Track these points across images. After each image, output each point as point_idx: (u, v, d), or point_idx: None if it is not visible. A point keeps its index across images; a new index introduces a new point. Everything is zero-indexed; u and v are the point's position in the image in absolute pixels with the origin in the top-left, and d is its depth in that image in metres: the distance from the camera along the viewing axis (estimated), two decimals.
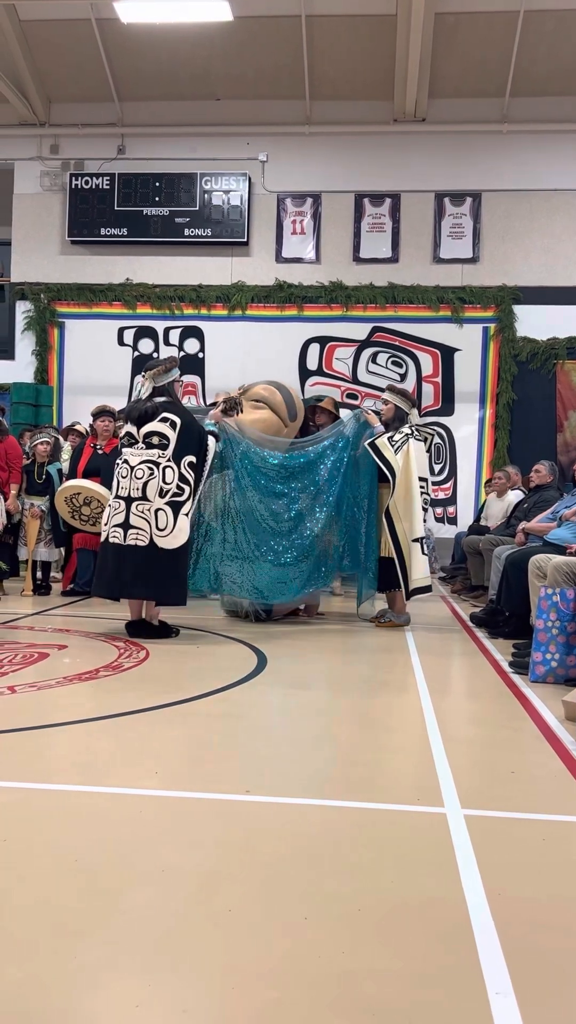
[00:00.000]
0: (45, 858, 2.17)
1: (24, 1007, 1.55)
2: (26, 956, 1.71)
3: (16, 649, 5.00)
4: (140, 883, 2.04)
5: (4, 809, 2.52)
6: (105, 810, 2.53)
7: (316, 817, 2.53)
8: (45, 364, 12.03)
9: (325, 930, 1.85)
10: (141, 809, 2.55)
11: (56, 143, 12.08)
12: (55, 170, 12.03)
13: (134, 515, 5.37)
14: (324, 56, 11.04)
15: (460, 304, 11.50)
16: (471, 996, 1.62)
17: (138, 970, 1.68)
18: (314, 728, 3.64)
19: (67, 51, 11.25)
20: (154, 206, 11.70)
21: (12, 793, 2.64)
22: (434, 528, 11.40)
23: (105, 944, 1.77)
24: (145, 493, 5.38)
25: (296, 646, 5.56)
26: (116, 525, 5.42)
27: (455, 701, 4.35)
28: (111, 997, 1.60)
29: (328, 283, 11.66)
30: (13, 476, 7.48)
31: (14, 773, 2.82)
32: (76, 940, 1.77)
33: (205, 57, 11.12)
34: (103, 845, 2.26)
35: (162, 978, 1.65)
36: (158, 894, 1.99)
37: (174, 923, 1.86)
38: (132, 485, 5.41)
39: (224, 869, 2.14)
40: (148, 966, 1.69)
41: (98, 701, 3.86)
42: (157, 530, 5.35)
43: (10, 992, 1.59)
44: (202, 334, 11.89)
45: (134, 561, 5.35)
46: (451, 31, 10.57)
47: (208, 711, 3.75)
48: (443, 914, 1.94)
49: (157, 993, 1.61)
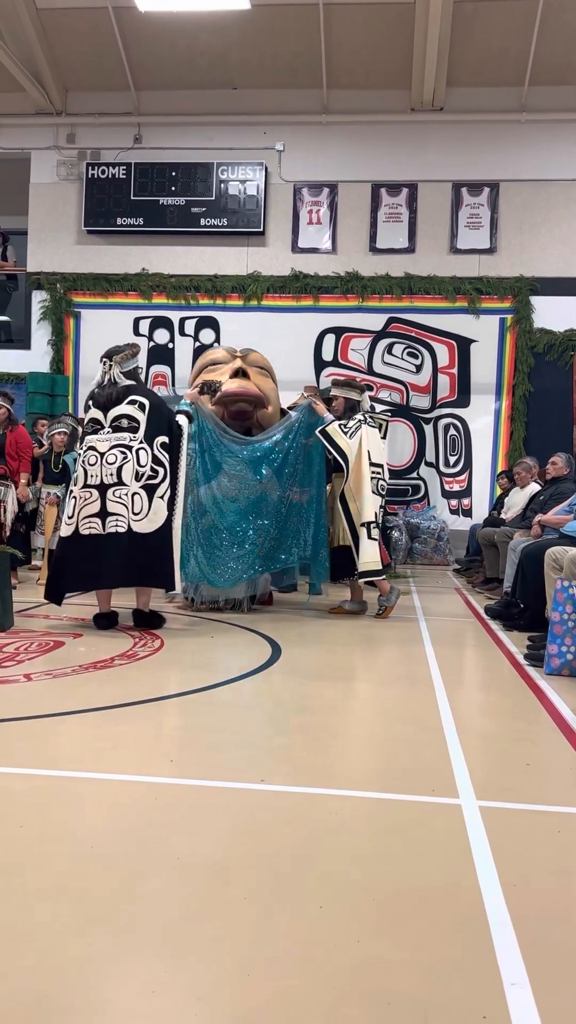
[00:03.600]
0: (61, 845, 2.18)
1: (40, 992, 1.56)
2: (42, 942, 1.72)
3: (32, 637, 5.02)
4: (155, 870, 2.05)
5: (20, 796, 2.53)
6: (120, 798, 2.54)
7: (330, 807, 2.53)
8: (61, 354, 12.05)
9: (340, 919, 1.85)
10: (156, 797, 2.55)
11: (73, 132, 12.08)
12: (71, 159, 12.02)
13: (111, 501, 5.22)
14: (341, 45, 10.97)
15: (477, 295, 11.44)
16: (486, 987, 1.62)
17: (153, 957, 1.68)
18: (329, 718, 3.64)
19: (84, 40, 11.24)
20: (170, 196, 11.69)
21: (28, 780, 2.65)
22: (448, 520, 11.38)
23: (121, 931, 1.77)
24: (121, 478, 5.23)
25: (310, 637, 5.56)
26: (90, 516, 5.24)
27: (470, 693, 4.34)
28: (127, 983, 1.60)
29: (344, 273, 11.61)
30: (23, 465, 7.51)
31: (30, 760, 2.84)
32: (92, 926, 1.78)
33: (222, 46, 11.07)
34: (118, 832, 2.27)
35: (177, 965, 1.66)
36: (173, 881, 1.99)
37: (189, 910, 1.87)
38: (104, 471, 5.25)
39: (239, 858, 2.14)
40: (163, 953, 1.70)
41: (113, 689, 3.87)
42: (133, 514, 5.22)
43: (26, 977, 1.60)
44: (217, 324, 11.88)
45: (117, 549, 5.19)
46: (469, 19, 10.48)
47: (223, 700, 3.76)
48: (458, 905, 1.94)
49: (172, 979, 1.61)
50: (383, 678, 4.56)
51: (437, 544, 11.00)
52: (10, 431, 7.45)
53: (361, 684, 4.43)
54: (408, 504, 11.55)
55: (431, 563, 10.91)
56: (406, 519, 11.07)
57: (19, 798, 2.51)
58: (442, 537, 11.03)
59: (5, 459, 7.23)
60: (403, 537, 10.72)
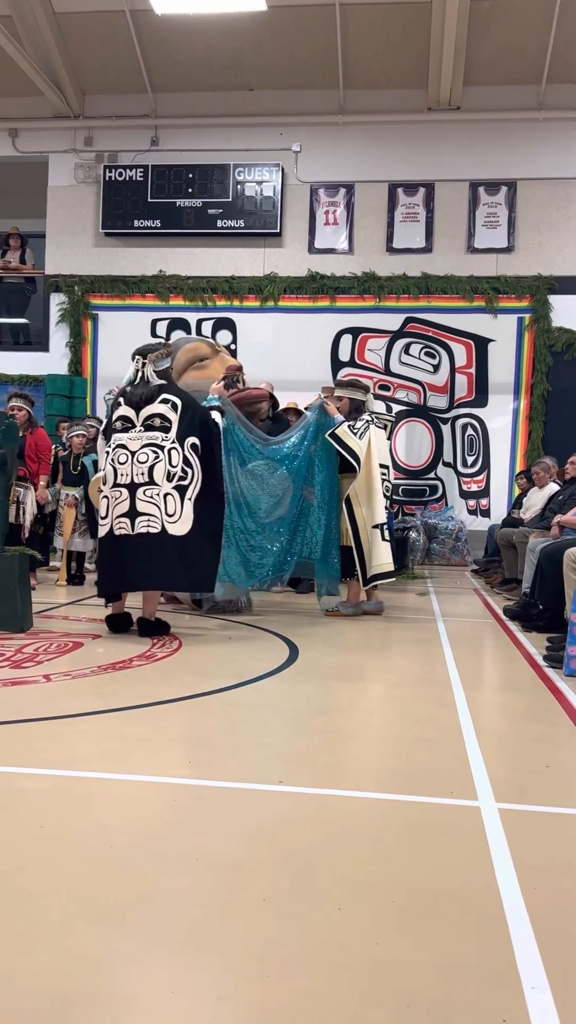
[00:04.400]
0: (80, 845, 2.19)
1: (61, 991, 1.57)
2: (62, 941, 1.73)
3: (51, 638, 5.05)
4: (174, 871, 2.06)
5: (40, 796, 2.55)
6: (139, 798, 2.55)
7: (349, 808, 2.53)
8: (79, 356, 12.11)
9: (359, 921, 1.85)
10: (175, 798, 2.56)
11: (90, 135, 12.13)
12: (89, 162, 12.08)
13: (141, 501, 5.12)
14: (358, 45, 10.96)
15: (494, 294, 11.39)
16: (506, 990, 1.61)
17: (173, 957, 1.69)
18: (347, 720, 3.64)
19: (101, 43, 11.29)
20: (187, 197, 11.72)
21: (48, 780, 2.67)
22: (467, 521, 11.34)
23: (140, 930, 1.78)
24: (152, 477, 5.14)
25: (328, 638, 5.56)
26: (121, 515, 5.15)
27: (489, 694, 4.32)
28: (147, 982, 1.61)
29: (361, 273, 11.60)
30: (42, 467, 7.55)
31: (50, 760, 2.85)
32: (111, 926, 1.79)
33: (238, 47, 11.09)
34: (137, 832, 2.28)
35: (196, 965, 1.66)
36: (192, 882, 2.00)
37: (208, 911, 1.87)
38: (136, 470, 5.16)
39: (257, 858, 2.15)
40: (182, 953, 1.70)
41: (132, 690, 3.89)
42: (167, 516, 5.12)
43: (47, 976, 1.61)
44: (234, 325, 11.90)
45: (149, 550, 5.10)
46: (486, 17, 10.45)
47: (241, 701, 3.77)
48: (477, 907, 1.93)
49: (192, 979, 1.62)
50: (401, 679, 4.55)
51: (455, 545, 10.96)
52: (30, 433, 7.49)
53: (379, 685, 4.42)
54: (426, 504, 11.52)
55: (449, 564, 10.88)
56: (424, 519, 11.04)
57: (39, 798, 2.53)
58: (460, 538, 10.99)
59: (25, 461, 7.28)
60: (421, 538, 10.70)
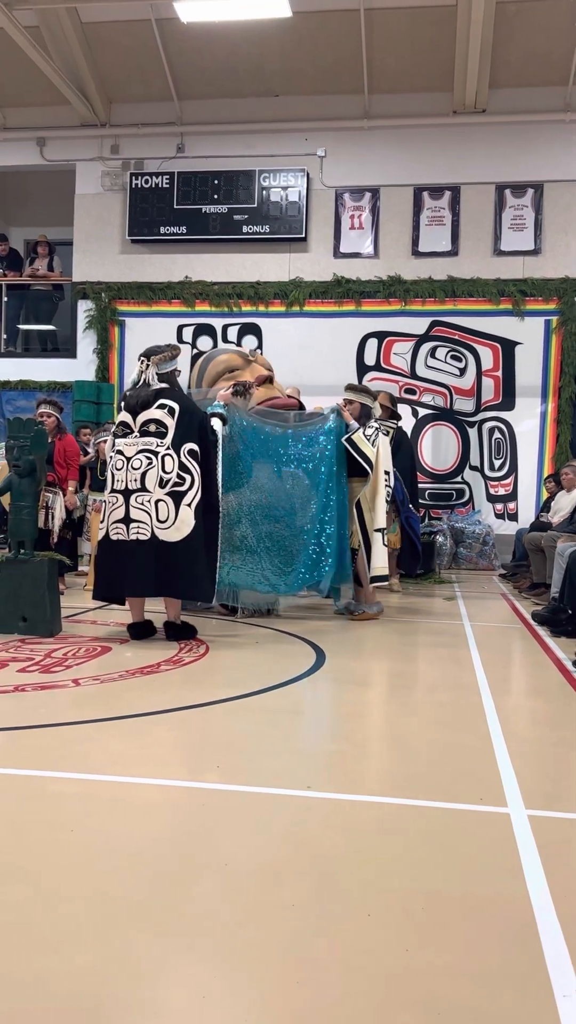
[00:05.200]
0: (110, 848, 2.20)
1: (91, 996, 1.58)
2: (93, 946, 1.74)
3: (79, 643, 5.08)
4: (204, 876, 2.06)
5: (70, 800, 2.57)
6: (168, 802, 2.56)
7: (378, 814, 2.52)
8: (106, 362, 12.20)
9: (389, 927, 1.84)
10: (204, 802, 2.57)
11: (116, 143, 12.23)
12: (115, 170, 12.17)
13: (134, 508, 5.08)
14: (383, 49, 10.97)
15: (521, 297, 11.33)
16: (537, 998, 1.60)
17: (203, 962, 1.70)
18: (374, 725, 3.63)
19: (128, 52, 11.38)
20: (213, 204, 11.77)
21: (78, 784, 2.68)
22: (494, 525, 11.27)
23: (170, 935, 1.79)
24: (144, 484, 5.08)
25: (355, 643, 5.55)
26: (116, 521, 5.12)
27: (518, 700, 4.30)
28: (177, 988, 1.61)
29: (386, 277, 11.59)
30: (71, 473, 7.61)
31: (79, 765, 2.87)
32: (141, 930, 1.80)
33: (263, 54, 11.13)
34: (166, 837, 2.29)
35: (228, 970, 1.67)
36: (222, 887, 2.01)
37: (238, 916, 1.88)
38: (129, 476, 5.11)
39: (287, 864, 2.15)
40: (214, 958, 1.71)
41: (160, 695, 3.91)
42: (158, 522, 5.05)
43: (79, 980, 1.62)
44: (260, 331, 11.92)
45: (142, 557, 5.07)
46: (512, 20, 10.41)
47: (269, 706, 3.77)
48: (508, 914, 1.92)
49: (223, 985, 1.62)
50: (429, 684, 4.53)
51: (482, 549, 10.90)
52: (59, 439, 7.57)
53: (407, 690, 4.41)
54: (452, 508, 11.47)
55: (476, 568, 10.82)
56: (451, 523, 10.99)
57: (69, 802, 2.55)
58: (487, 542, 10.93)
59: (54, 467, 7.34)
60: (448, 542, 10.65)
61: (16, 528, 5.47)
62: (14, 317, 12.82)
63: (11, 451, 5.50)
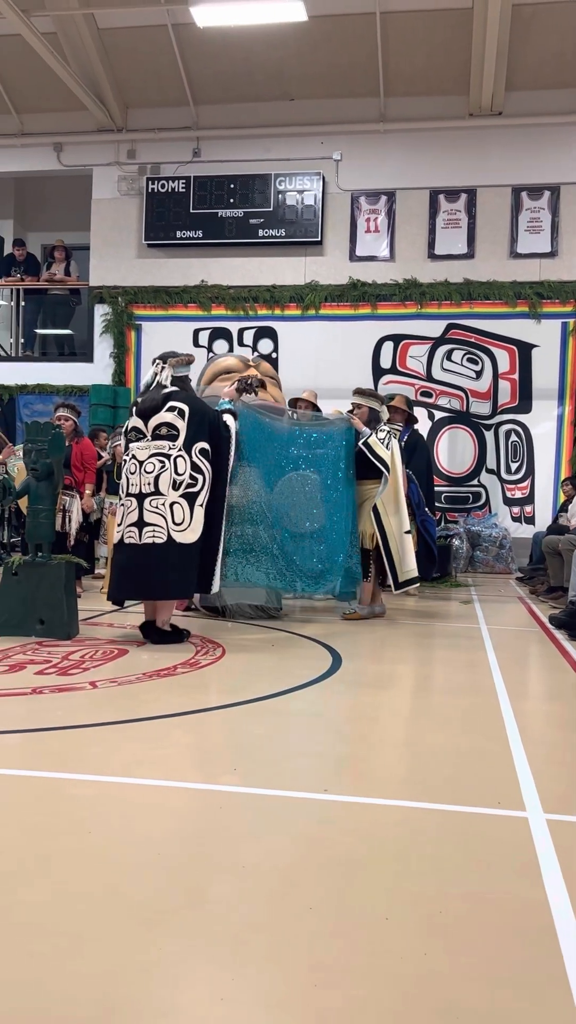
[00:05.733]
0: (127, 851, 2.20)
1: (109, 998, 1.58)
2: (110, 947, 1.74)
3: (97, 645, 5.10)
4: (221, 878, 2.06)
5: (88, 802, 2.57)
6: (185, 805, 2.56)
7: (394, 818, 2.51)
8: (123, 366, 12.24)
9: (407, 931, 1.84)
10: (220, 805, 2.57)
11: (133, 148, 12.28)
12: (132, 175, 12.22)
13: (148, 511, 5.14)
14: (399, 52, 10.96)
15: (538, 299, 11.29)
16: (556, 1003, 1.59)
17: (220, 964, 1.69)
18: (391, 728, 3.63)
19: (144, 57, 11.43)
20: (228, 208, 11.80)
21: (95, 787, 2.69)
22: (510, 528, 11.23)
23: (187, 937, 1.79)
24: (158, 487, 5.16)
25: (371, 646, 5.54)
26: (130, 525, 5.19)
27: (535, 704, 4.27)
28: (195, 990, 1.62)
29: (402, 280, 11.58)
30: (88, 476, 7.65)
31: (97, 767, 2.88)
32: (159, 933, 1.80)
33: (279, 58, 11.16)
34: (184, 839, 2.29)
35: (245, 973, 1.67)
36: (239, 889, 2.01)
37: (255, 919, 1.87)
38: (143, 480, 5.18)
39: (303, 867, 2.15)
40: (230, 961, 1.71)
41: (177, 697, 3.91)
42: (174, 524, 5.13)
43: (95, 983, 1.62)
44: (276, 334, 11.94)
45: (156, 559, 5.13)
46: (527, 22, 10.39)
47: (285, 709, 3.77)
48: (527, 919, 1.91)
49: (240, 988, 1.62)
50: (446, 688, 4.52)
51: (499, 552, 10.86)
52: (75, 443, 7.60)
53: (424, 693, 4.40)
54: (469, 512, 11.43)
55: (493, 571, 10.77)
56: (467, 527, 10.95)
57: (87, 804, 2.55)
58: (504, 545, 10.89)
59: (71, 470, 7.38)
60: (464, 545, 10.61)
61: (33, 531, 5.50)
62: (32, 322, 12.89)
63: (29, 454, 5.53)
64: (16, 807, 2.51)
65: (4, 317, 13.17)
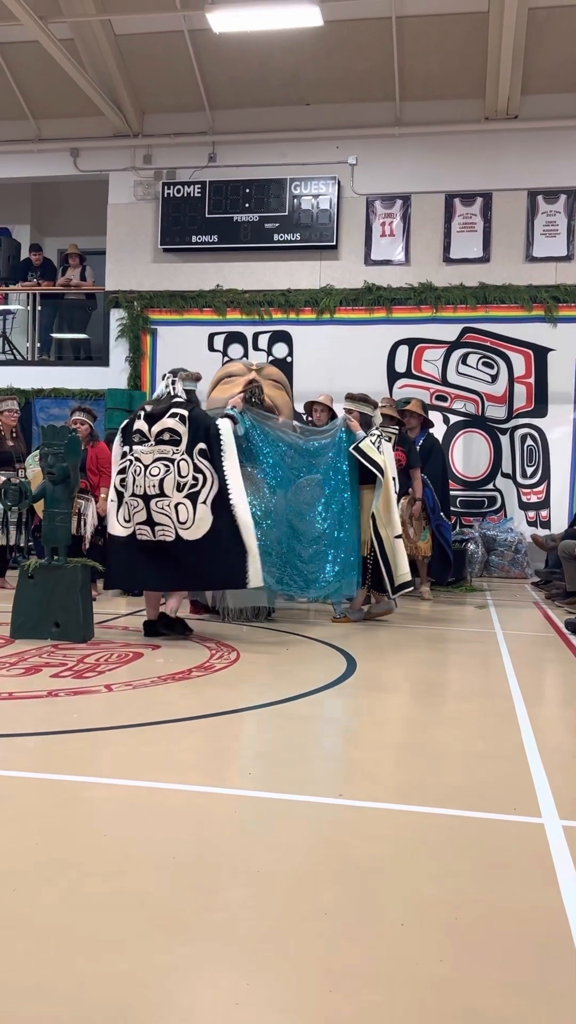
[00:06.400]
0: (143, 854, 2.21)
1: (123, 1001, 1.58)
2: (125, 951, 1.75)
3: (112, 648, 5.11)
4: (236, 882, 2.07)
5: (103, 804, 2.58)
6: (200, 809, 2.57)
7: (409, 823, 2.51)
8: (138, 370, 12.28)
9: (422, 936, 1.83)
10: (235, 809, 2.57)
11: (149, 153, 12.33)
12: (148, 180, 12.27)
13: (155, 512, 5.39)
14: (414, 57, 10.96)
15: (554, 303, 11.24)
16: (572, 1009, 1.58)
17: (236, 969, 1.70)
18: (406, 733, 3.62)
19: (161, 63, 11.48)
20: (244, 212, 11.82)
21: (110, 789, 2.70)
22: (526, 532, 11.18)
23: (203, 941, 1.79)
24: (163, 490, 5.38)
25: (385, 651, 5.53)
26: (141, 523, 5.44)
27: (551, 709, 4.25)
28: (210, 994, 1.62)
29: (417, 284, 11.56)
30: (103, 480, 7.67)
31: (112, 770, 2.89)
32: (174, 936, 1.80)
33: (295, 63, 11.18)
34: (199, 843, 2.29)
35: (260, 977, 1.67)
36: (254, 894, 2.01)
37: (270, 923, 1.87)
38: (148, 483, 5.41)
39: (318, 872, 2.14)
40: (245, 965, 1.71)
41: (192, 701, 3.92)
42: (179, 524, 5.39)
43: (110, 986, 1.63)
44: (291, 338, 11.94)
45: (168, 554, 5.43)
46: (543, 26, 10.36)
47: (300, 714, 3.77)
48: (543, 925, 1.90)
49: (255, 992, 1.62)
50: (461, 692, 4.51)
51: (514, 557, 10.81)
52: (91, 447, 7.63)
53: (438, 698, 4.39)
54: (484, 516, 11.39)
55: (508, 576, 10.73)
56: (482, 531, 10.91)
57: (102, 807, 2.56)
58: (519, 550, 10.84)
59: (86, 474, 7.40)
60: (479, 550, 10.58)
61: (50, 534, 5.53)
62: (48, 326, 12.96)
63: (45, 458, 5.56)
64: (32, 810, 2.53)
65: (21, 321, 13.24)
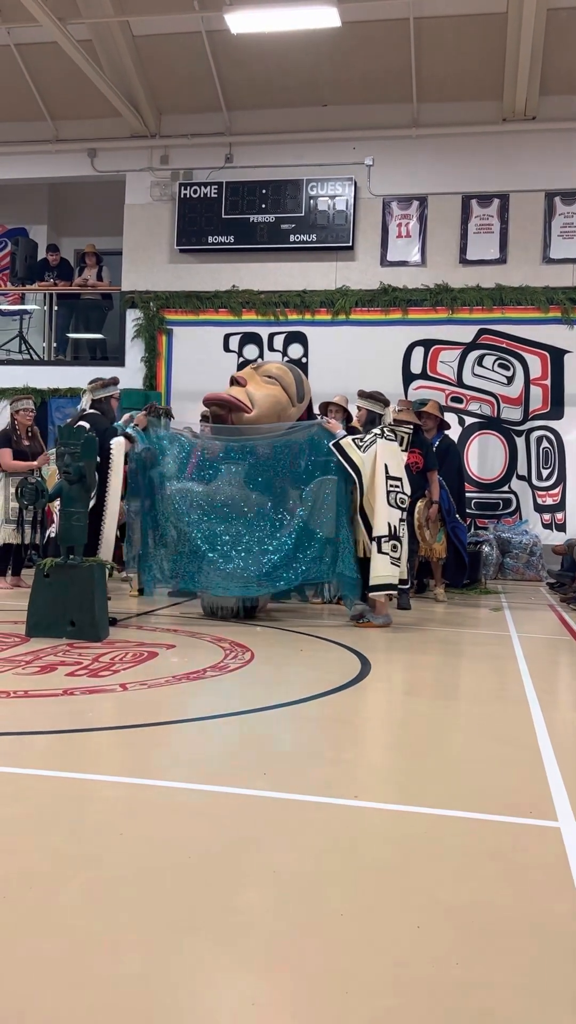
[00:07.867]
0: (159, 854, 2.21)
1: (140, 1002, 1.58)
2: (141, 951, 1.75)
3: (126, 647, 5.12)
4: (251, 883, 2.06)
5: (119, 804, 2.59)
6: (215, 809, 2.57)
7: (425, 825, 2.50)
8: (154, 370, 12.31)
9: (439, 940, 1.83)
10: (251, 810, 2.57)
11: (166, 154, 12.36)
12: (165, 180, 12.31)
13: None
14: (432, 58, 10.94)
15: (571, 305, 11.20)
16: None
17: (252, 970, 1.69)
18: (421, 736, 3.61)
19: (178, 64, 11.51)
20: (260, 213, 11.83)
21: (125, 788, 2.70)
22: (541, 535, 11.13)
23: (219, 942, 1.79)
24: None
25: (399, 651, 5.52)
26: None
27: (567, 712, 4.23)
28: (226, 995, 1.62)
29: (433, 285, 11.54)
30: None
31: (127, 769, 2.90)
32: (190, 936, 1.80)
33: (313, 64, 11.18)
34: (214, 843, 2.29)
35: (276, 979, 1.66)
36: (270, 895, 2.00)
37: (286, 924, 1.87)
38: None
39: (334, 873, 2.14)
40: (261, 966, 1.71)
41: (206, 701, 3.92)
42: None
43: (126, 986, 1.63)
44: (306, 339, 11.94)
45: None
46: (562, 26, 10.32)
47: (315, 715, 3.76)
48: (560, 930, 1.89)
49: (271, 993, 1.62)
50: (476, 695, 4.49)
51: (529, 559, 10.77)
52: None
53: (453, 700, 4.37)
54: (499, 518, 11.36)
55: (523, 579, 10.69)
56: (497, 533, 10.88)
57: (118, 806, 2.57)
58: (535, 552, 10.80)
59: None
60: (494, 552, 10.54)
61: (66, 534, 5.54)
62: (64, 326, 13.01)
63: (61, 457, 5.58)
64: (48, 808, 2.53)
65: (37, 321, 13.30)
